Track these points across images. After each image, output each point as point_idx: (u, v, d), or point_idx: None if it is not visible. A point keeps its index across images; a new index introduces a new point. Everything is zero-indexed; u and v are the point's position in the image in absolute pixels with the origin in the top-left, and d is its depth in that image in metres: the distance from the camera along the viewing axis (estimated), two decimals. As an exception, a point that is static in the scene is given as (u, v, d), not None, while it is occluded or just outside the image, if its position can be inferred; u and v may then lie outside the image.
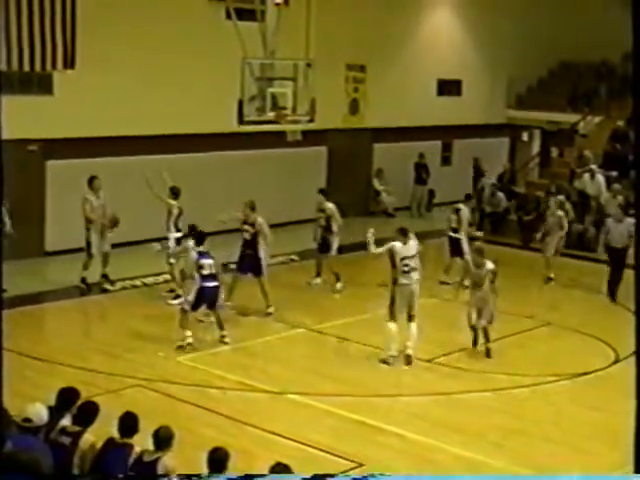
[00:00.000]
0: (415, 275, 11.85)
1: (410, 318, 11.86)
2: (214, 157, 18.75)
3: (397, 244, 11.83)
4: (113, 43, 16.60)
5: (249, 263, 13.72)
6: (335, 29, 19.51)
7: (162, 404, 10.21)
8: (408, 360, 11.79)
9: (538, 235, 16.89)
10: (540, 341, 13.31)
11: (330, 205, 15.21)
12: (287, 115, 14.28)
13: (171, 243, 14.18)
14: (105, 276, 14.95)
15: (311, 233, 15.64)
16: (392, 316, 11.76)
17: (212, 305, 12.25)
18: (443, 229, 16.44)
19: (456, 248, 15.63)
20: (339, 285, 15.14)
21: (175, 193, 14.37)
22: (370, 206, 22.31)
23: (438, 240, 16.95)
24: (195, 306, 12.14)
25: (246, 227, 13.76)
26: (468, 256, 14.35)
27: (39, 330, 13.45)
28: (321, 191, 15.71)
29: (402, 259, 11.72)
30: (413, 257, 11.85)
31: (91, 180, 14.78)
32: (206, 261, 12.09)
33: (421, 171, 22.77)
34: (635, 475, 5.05)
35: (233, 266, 14.02)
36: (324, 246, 15.20)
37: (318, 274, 15.37)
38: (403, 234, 11.89)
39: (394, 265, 11.75)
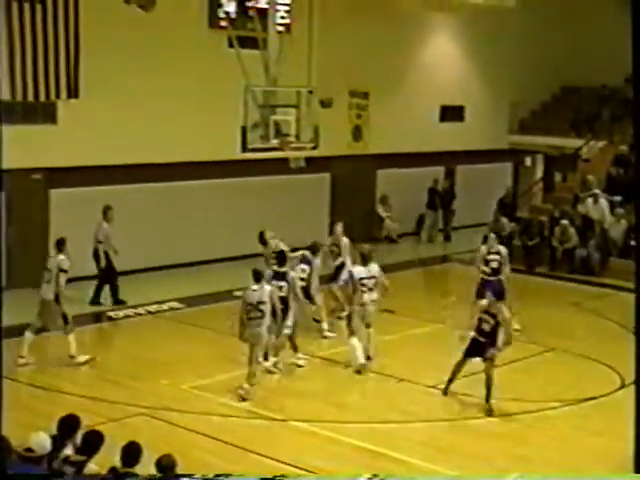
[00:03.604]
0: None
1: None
2: (218, 184, 18.81)
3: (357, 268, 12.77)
4: (116, 72, 16.70)
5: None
6: (337, 56, 19.64)
7: (166, 432, 10.18)
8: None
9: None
10: (544, 367, 13.25)
11: (345, 240, 15.03)
12: (290, 142, 14.33)
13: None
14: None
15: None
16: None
17: None
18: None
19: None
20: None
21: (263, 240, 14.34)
22: (374, 232, 22.33)
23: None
24: None
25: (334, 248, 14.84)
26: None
27: (42, 359, 13.41)
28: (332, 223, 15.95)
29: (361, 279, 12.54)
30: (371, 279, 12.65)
31: None
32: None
33: (434, 197, 22.78)
34: (635, 475, 5.03)
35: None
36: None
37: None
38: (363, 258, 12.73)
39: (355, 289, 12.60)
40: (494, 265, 14.49)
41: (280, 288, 12.16)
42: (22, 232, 16.13)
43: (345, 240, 14.99)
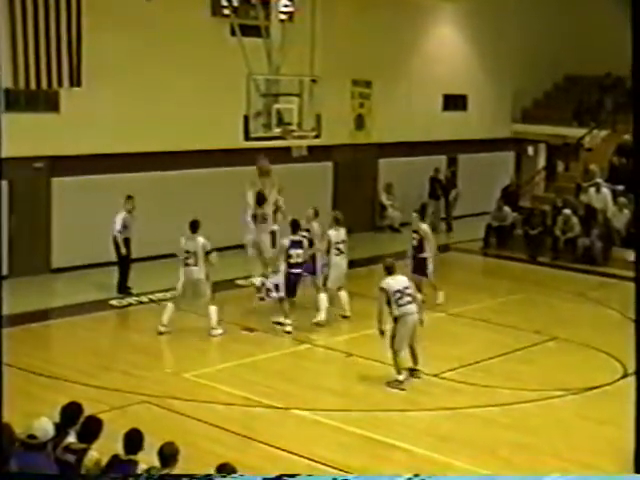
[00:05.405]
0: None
1: None
2: (220, 173, 18.77)
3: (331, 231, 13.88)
4: (118, 61, 16.68)
5: None
6: (340, 45, 19.59)
7: (168, 420, 10.19)
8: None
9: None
10: (547, 356, 13.25)
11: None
12: (293, 131, 14.31)
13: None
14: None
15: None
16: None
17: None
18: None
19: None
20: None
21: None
22: (376, 221, 22.31)
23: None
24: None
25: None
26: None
27: (45, 347, 13.45)
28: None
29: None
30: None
31: None
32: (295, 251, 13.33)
33: (436, 186, 22.72)
34: (635, 475, 5.02)
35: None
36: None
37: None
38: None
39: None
40: (414, 243, 15.13)
41: (297, 255, 13.24)
42: (24, 221, 16.13)
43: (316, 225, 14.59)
